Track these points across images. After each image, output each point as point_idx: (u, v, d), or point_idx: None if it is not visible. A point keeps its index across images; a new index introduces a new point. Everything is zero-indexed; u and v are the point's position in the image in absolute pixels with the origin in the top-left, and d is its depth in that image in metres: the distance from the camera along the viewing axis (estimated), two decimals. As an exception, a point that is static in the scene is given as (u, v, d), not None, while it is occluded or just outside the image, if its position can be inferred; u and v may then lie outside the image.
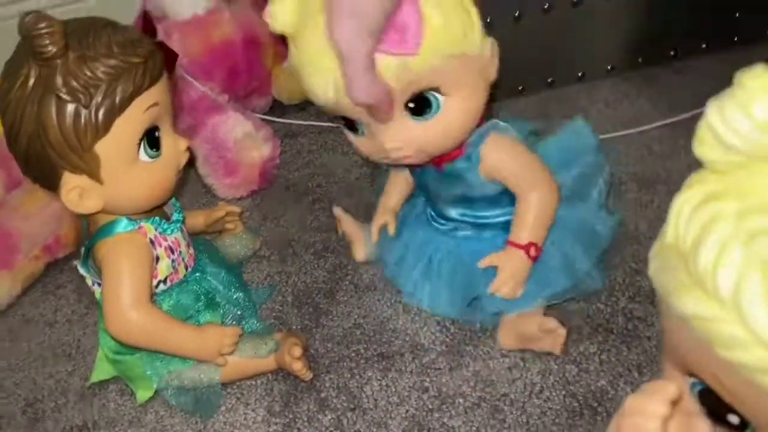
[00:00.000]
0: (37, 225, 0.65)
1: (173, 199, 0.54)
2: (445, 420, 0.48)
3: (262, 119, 0.78)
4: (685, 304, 0.23)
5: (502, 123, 0.52)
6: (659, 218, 0.30)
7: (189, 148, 0.50)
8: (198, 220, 0.62)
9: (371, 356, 0.54)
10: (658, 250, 0.26)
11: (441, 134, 0.48)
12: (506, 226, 0.53)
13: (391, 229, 0.60)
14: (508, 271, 0.52)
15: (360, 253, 0.62)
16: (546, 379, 0.50)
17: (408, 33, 0.43)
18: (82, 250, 0.51)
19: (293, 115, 0.84)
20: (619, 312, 0.54)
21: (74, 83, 0.41)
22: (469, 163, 0.51)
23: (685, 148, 0.66)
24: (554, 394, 0.49)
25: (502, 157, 0.51)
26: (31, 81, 0.42)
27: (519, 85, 0.80)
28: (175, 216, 0.53)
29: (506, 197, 0.53)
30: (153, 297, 0.50)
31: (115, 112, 0.43)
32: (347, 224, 0.63)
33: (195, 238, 0.59)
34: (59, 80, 0.41)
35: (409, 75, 0.44)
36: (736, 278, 0.21)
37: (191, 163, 0.55)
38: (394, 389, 0.51)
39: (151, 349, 0.50)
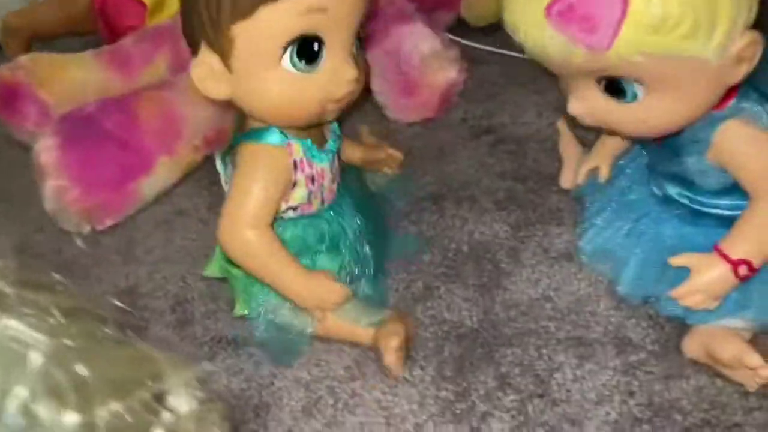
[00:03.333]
0: (202, 113, 0.61)
1: (334, 125, 0.47)
2: (657, 437, 0.40)
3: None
4: None
5: (751, 107, 0.40)
6: None
7: (359, 81, 0.42)
8: (355, 153, 0.55)
9: (564, 338, 0.46)
10: None
11: (632, 124, 0.40)
12: (730, 223, 0.42)
13: (603, 174, 0.52)
14: (702, 282, 0.42)
15: (566, 179, 0.56)
16: (794, 418, 0.40)
17: (600, 27, 0.35)
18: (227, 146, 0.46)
19: (479, 38, 0.73)
20: None
21: None
22: (695, 147, 0.41)
23: None
24: (802, 439, 0.39)
25: (741, 148, 0.40)
26: None
27: None
28: (330, 144, 0.46)
29: (740, 188, 0.42)
30: (275, 221, 0.45)
31: None
32: (567, 142, 0.57)
33: (348, 170, 0.53)
34: None
35: (599, 63, 0.36)
36: None
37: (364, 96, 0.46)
38: (591, 384, 0.43)
39: (252, 275, 0.45)
